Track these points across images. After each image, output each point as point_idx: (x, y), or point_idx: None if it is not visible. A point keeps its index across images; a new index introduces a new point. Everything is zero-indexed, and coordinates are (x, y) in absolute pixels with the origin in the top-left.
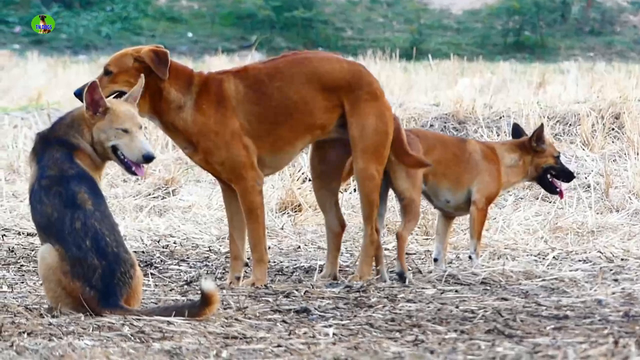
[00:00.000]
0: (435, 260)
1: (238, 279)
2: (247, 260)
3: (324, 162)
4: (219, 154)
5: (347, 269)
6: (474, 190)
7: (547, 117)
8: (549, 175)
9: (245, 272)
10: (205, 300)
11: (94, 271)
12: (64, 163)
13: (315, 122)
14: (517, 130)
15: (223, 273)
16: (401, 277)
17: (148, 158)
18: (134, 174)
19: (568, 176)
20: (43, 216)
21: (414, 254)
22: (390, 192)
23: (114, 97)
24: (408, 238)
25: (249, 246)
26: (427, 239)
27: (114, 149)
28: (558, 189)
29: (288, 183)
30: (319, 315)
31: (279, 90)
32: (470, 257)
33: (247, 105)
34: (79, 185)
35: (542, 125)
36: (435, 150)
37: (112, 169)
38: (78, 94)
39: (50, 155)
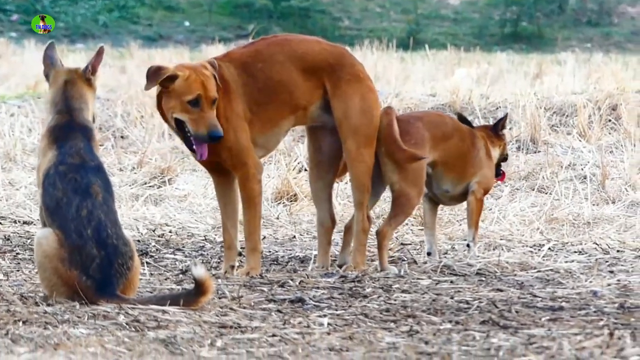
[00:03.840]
0: (429, 254)
1: (232, 267)
2: (241, 250)
3: (320, 152)
4: (227, 137)
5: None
6: (473, 182)
7: (544, 107)
8: None
9: (240, 261)
10: (199, 287)
11: (92, 260)
12: (87, 154)
13: (298, 102)
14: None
15: (218, 262)
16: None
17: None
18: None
19: (505, 159)
20: (53, 199)
21: (410, 244)
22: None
23: None
24: (391, 235)
25: (244, 234)
26: (422, 229)
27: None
28: (502, 172)
29: (284, 172)
30: (314, 305)
31: (262, 71)
32: (468, 246)
33: (241, 88)
34: (95, 177)
35: (506, 114)
36: (452, 139)
37: (108, 158)
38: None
39: (74, 144)
